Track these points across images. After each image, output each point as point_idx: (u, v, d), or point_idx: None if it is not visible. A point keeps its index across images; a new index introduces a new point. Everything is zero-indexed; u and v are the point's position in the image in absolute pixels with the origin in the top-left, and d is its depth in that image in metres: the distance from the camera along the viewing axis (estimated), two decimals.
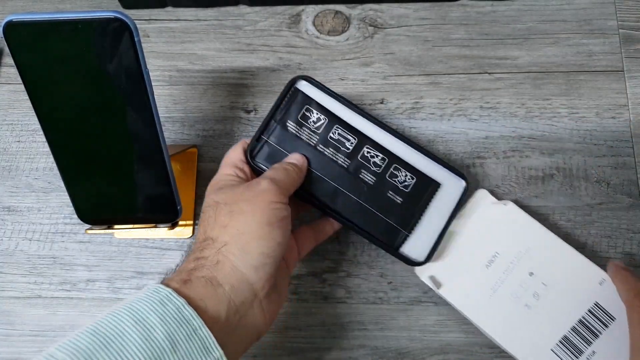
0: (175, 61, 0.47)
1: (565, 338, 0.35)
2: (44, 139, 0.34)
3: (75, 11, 0.31)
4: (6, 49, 0.48)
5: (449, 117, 0.44)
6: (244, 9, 0.48)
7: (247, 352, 0.39)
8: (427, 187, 0.38)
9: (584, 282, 0.36)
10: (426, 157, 0.38)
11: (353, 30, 0.47)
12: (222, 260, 0.30)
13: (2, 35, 0.30)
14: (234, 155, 0.37)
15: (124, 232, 0.41)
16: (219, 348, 0.27)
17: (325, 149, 0.37)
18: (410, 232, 0.37)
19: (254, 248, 0.30)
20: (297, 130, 0.38)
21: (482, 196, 0.40)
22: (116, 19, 0.29)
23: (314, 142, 0.37)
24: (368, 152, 0.38)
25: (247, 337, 0.31)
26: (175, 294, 0.27)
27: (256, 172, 0.37)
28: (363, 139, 0.38)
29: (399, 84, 0.46)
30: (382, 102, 0.45)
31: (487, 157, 0.43)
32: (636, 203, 0.41)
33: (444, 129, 0.44)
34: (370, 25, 0.48)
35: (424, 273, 0.38)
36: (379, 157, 0.38)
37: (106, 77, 0.31)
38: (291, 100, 0.38)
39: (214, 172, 0.43)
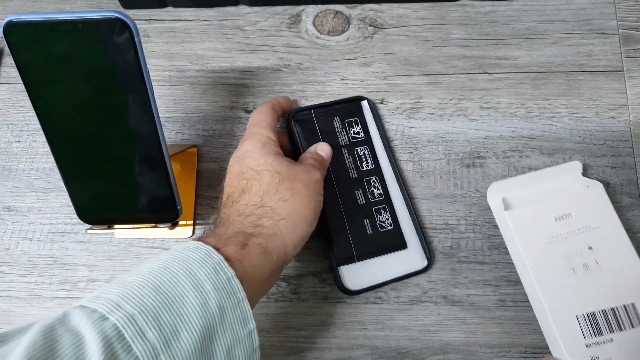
0: (176, 61, 0.47)
1: (593, 315, 0.36)
2: (44, 139, 0.34)
3: (75, 11, 0.31)
4: (6, 49, 0.48)
5: (449, 117, 0.44)
6: (244, 9, 0.48)
7: None
8: (396, 240, 0.40)
9: (631, 281, 0.37)
10: (411, 220, 0.41)
11: (353, 30, 0.47)
12: (277, 233, 0.33)
13: (2, 35, 0.30)
14: (269, 120, 0.38)
15: (124, 232, 0.41)
16: (253, 321, 0.29)
17: (346, 155, 0.42)
18: (356, 261, 0.40)
19: (300, 230, 0.34)
20: (338, 127, 0.43)
21: (574, 167, 0.41)
22: (116, 19, 0.29)
23: (343, 144, 0.42)
24: (374, 182, 0.42)
25: (268, 289, 0.35)
26: (226, 264, 0.29)
27: (289, 131, 0.43)
28: (377, 169, 0.42)
29: (399, 84, 0.46)
30: (382, 102, 0.45)
31: (487, 157, 0.43)
32: (636, 203, 0.41)
33: (444, 129, 0.44)
34: (370, 25, 0.48)
35: (496, 193, 0.40)
36: (379, 192, 0.42)
37: (106, 77, 0.31)
38: (350, 107, 0.44)
39: (214, 172, 0.44)
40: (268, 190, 0.34)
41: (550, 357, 0.36)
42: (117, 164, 0.35)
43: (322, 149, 0.40)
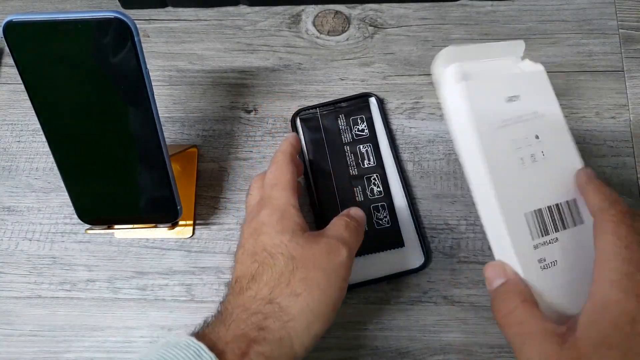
0: (175, 61, 0.47)
1: (540, 212, 0.32)
2: (44, 139, 0.34)
3: (75, 11, 0.31)
4: (6, 49, 0.48)
5: None
6: (244, 9, 0.48)
7: None
8: (392, 238, 0.40)
9: (572, 176, 0.33)
10: (412, 217, 0.41)
11: (353, 30, 0.47)
12: (284, 338, 0.29)
13: (2, 35, 0.30)
14: (289, 177, 0.34)
15: (124, 232, 0.41)
16: None
17: (349, 152, 0.43)
18: None
19: (314, 330, 0.30)
20: (342, 125, 0.43)
21: (517, 45, 0.36)
22: (116, 19, 0.29)
23: (346, 141, 0.43)
24: (374, 180, 0.42)
25: None
26: None
27: (293, 128, 0.44)
28: (379, 167, 0.42)
29: (399, 84, 0.46)
30: (382, 102, 0.45)
31: None
32: (636, 203, 0.41)
33: (444, 129, 0.44)
34: (370, 25, 0.48)
35: (447, 61, 0.33)
36: (378, 189, 0.42)
37: (106, 77, 0.31)
38: (357, 104, 0.44)
39: (214, 172, 0.44)
40: (280, 281, 0.30)
41: (495, 262, 0.31)
42: (117, 164, 0.35)
43: (356, 213, 0.35)
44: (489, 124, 0.32)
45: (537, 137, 0.33)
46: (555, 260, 0.31)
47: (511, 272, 0.30)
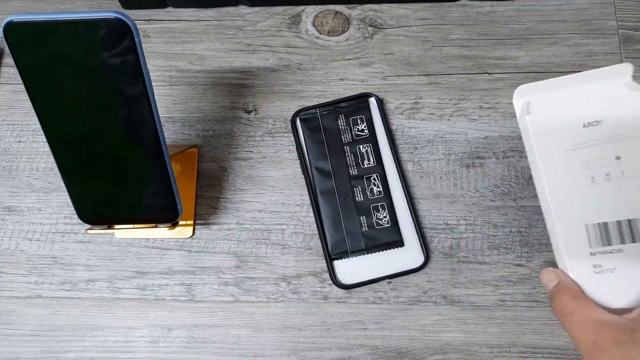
0: (176, 61, 0.47)
1: (605, 225, 0.34)
2: (44, 139, 0.34)
3: (75, 11, 0.31)
4: (6, 49, 0.48)
5: (449, 117, 0.44)
6: (244, 9, 0.49)
7: (247, 352, 0.40)
8: (392, 238, 0.41)
9: None
10: (411, 217, 0.41)
11: (353, 31, 0.48)
12: None
13: (2, 35, 0.30)
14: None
15: (124, 232, 0.42)
16: None
17: (349, 152, 0.43)
18: (350, 257, 0.40)
19: None
20: (342, 125, 0.44)
21: (623, 70, 0.36)
22: (116, 19, 0.29)
23: (346, 141, 0.43)
24: (374, 180, 0.42)
25: None
26: None
27: (293, 128, 0.44)
28: (379, 167, 0.42)
29: (398, 84, 0.46)
30: (382, 102, 0.45)
31: (487, 157, 0.43)
32: None
33: (444, 129, 0.44)
34: (370, 26, 0.48)
35: (522, 96, 0.36)
36: (378, 189, 0.42)
37: (106, 77, 0.31)
38: (357, 104, 0.44)
39: (214, 172, 0.44)
40: None
41: (547, 268, 0.34)
42: (117, 164, 0.35)
43: None
44: (556, 148, 0.35)
45: (617, 157, 0.35)
46: (614, 268, 0.33)
47: (562, 275, 0.33)
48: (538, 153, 0.35)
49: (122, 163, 0.35)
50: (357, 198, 0.42)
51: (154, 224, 0.37)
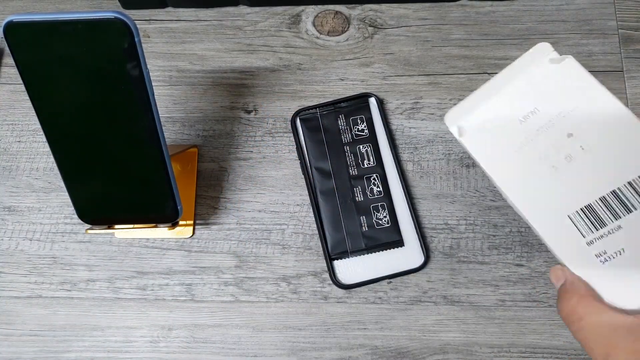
0: (176, 61, 0.47)
1: (589, 207, 0.30)
2: (44, 139, 0.34)
3: (75, 11, 0.31)
4: (6, 49, 0.48)
5: None
6: (244, 9, 0.49)
7: (247, 352, 0.40)
8: (392, 238, 0.41)
9: (634, 152, 0.30)
10: (411, 217, 0.41)
11: (353, 31, 0.48)
12: None
13: (2, 35, 0.30)
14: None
15: (125, 232, 0.42)
16: None
17: (348, 152, 0.43)
18: (350, 257, 0.41)
19: None
20: (342, 125, 0.44)
21: (541, 49, 0.35)
22: (116, 19, 0.29)
23: (346, 141, 0.43)
24: (374, 180, 0.42)
25: None
26: None
27: (293, 128, 0.44)
28: (379, 167, 0.42)
29: (398, 84, 0.46)
30: (381, 102, 0.45)
31: None
32: None
33: (444, 129, 0.44)
34: (370, 26, 0.48)
35: (453, 122, 0.35)
36: (378, 189, 0.42)
37: (106, 77, 0.31)
38: (357, 104, 0.44)
39: (214, 172, 0.44)
40: None
41: (555, 266, 0.31)
42: (117, 164, 0.35)
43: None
44: (502, 157, 0.33)
45: (569, 135, 0.32)
46: (622, 249, 0.29)
47: (569, 272, 0.29)
48: (486, 168, 0.33)
49: (122, 163, 0.35)
50: (357, 198, 0.42)
51: (154, 224, 0.37)
